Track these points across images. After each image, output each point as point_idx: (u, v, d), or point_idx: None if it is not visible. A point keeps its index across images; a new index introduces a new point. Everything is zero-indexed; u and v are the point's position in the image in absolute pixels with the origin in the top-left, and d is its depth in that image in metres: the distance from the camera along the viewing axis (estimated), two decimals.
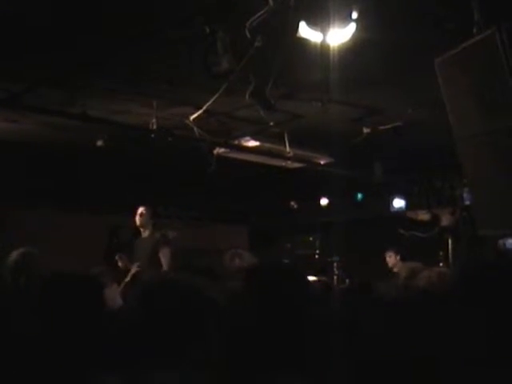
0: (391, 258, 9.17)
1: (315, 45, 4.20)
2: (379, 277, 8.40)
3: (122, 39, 5.10)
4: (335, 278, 9.14)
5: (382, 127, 7.62)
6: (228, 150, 8.05)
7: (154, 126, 7.12)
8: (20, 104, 6.63)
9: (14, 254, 4.49)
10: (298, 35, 4.13)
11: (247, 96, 5.33)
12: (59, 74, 5.86)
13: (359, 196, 10.15)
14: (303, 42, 4.28)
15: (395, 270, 8.48)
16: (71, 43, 5.19)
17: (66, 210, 10.06)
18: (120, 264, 6.97)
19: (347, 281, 9.81)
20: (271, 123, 7.10)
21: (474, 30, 3.81)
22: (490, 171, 4.06)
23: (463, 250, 7.84)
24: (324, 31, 3.97)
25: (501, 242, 5.76)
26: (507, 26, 3.55)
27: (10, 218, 9.32)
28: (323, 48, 4.16)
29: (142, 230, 7.34)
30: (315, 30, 4.00)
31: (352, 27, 4.02)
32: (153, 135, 7.18)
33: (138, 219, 7.24)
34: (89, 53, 5.32)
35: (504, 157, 3.87)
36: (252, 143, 8.04)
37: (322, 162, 9.02)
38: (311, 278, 4.67)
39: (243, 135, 7.96)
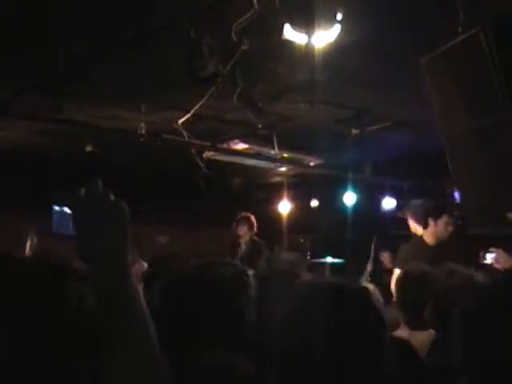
0: (386, 259, 9.18)
1: (300, 47, 4.20)
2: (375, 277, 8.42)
3: (108, 44, 5.09)
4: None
5: (370, 128, 7.64)
6: (217, 154, 8.04)
7: (143, 131, 7.10)
8: (7, 111, 6.60)
9: None
10: (283, 37, 4.13)
11: (235, 99, 5.33)
12: (46, 80, 5.84)
13: (350, 196, 10.14)
14: (289, 44, 4.29)
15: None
16: (57, 48, 5.17)
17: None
18: None
19: None
20: (259, 125, 7.10)
21: (460, 29, 3.82)
22: (477, 169, 4.07)
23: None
24: (309, 33, 3.97)
25: (482, 253, 5.73)
26: (492, 25, 3.57)
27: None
28: (309, 50, 4.17)
29: None
30: (300, 31, 4.00)
31: (337, 28, 4.03)
32: (141, 140, 7.16)
33: None
34: (75, 58, 5.31)
35: (491, 154, 3.88)
36: (241, 146, 8.05)
37: (311, 164, 9.03)
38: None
39: (232, 138, 7.96)
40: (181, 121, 6.66)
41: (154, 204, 9.80)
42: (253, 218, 8.36)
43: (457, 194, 7.95)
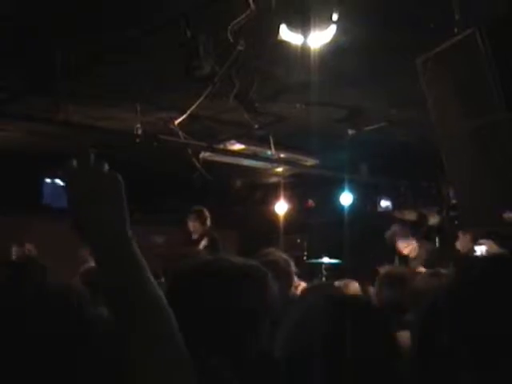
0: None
1: (296, 47, 4.21)
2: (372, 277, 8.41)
3: (104, 45, 5.09)
4: (323, 279, 9.11)
5: (366, 128, 7.65)
6: (213, 154, 8.05)
7: (139, 131, 7.10)
8: (4, 112, 6.61)
9: None
10: (279, 38, 4.14)
11: (231, 99, 5.34)
12: (42, 81, 5.83)
13: (346, 197, 10.15)
14: (285, 45, 4.29)
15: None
16: (54, 49, 5.17)
17: (50, 218, 10.00)
18: None
19: (336, 283, 9.78)
20: (256, 126, 7.10)
21: (455, 30, 3.83)
22: (473, 169, 4.08)
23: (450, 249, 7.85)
24: (305, 34, 3.98)
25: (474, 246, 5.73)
26: (487, 25, 3.58)
27: None
28: (304, 50, 4.17)
29: None
30: (296, 32, 4.01)
31: (333, 29, 4.04)
32: (138, 140, 7.16)
33: None
34: (72, 59, 5.31)
35: (486, 154, 3.89)
36: (237, 146, 8.05)
37: (307, 164, 9.04)
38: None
39: (228, 139, 7.96)
40: (177, 121, 6.67)
41: (150, 204, 9.80)
42: (205, 211, 7.68)
43: (452, 194, 7.96)
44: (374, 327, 1.61)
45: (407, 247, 7.11)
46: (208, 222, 7.61)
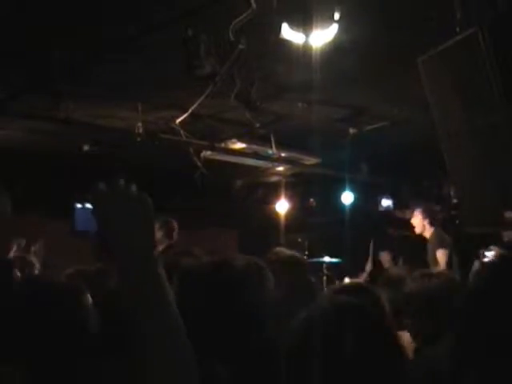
0: (385, 259, 9.19)
1: (298, 46, 4.21)
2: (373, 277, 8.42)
3: (105, 43, 5.09)
4: (324, 278, 9.10)
5: (368, 127, 7.64)
6: (215, 153, 8.04)
7: (140, 130, 7.10)
8: (5, 110, 6.60)
9: None
10: (280, 37, 4.13)
11: (232, 98, 5.33)
12: (43, 79, 5.83)
13: (347, 196, 10.14)
14: (287, 44, 4.29)
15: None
16: (55, 48, 5.16)
17: (54, 217, 10.00)
18: None
19: (337, 282, 9.78)
20: (257, 125, 7.09)
21: (457, 29, 3.82)
22: (475, 169, 4.08)
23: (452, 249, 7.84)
24: (306, 32, 3.97)
25: (481, 251, 5.75)
26: (489, 24, 3.57)
27: None
28: (306, 49, 4.17)
29: None
30: (298, 31, 4.01)
31: (334, 28, 4.03)
32: (139, 139, 7.15)
33: None
34: (73, 57, 5.30)
35: (488, 154, 3.88)
36: (239, 145, 8.04)
37: (308, 163, 9.03)
38: None
39: (230, 137, 7.95)
40: (178, 120, 6.67)
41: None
42: (173, 223, 6.81)
43: (454, 194, 7.96)
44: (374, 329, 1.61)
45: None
46: (175, 236, 6.78)
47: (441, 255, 7.13)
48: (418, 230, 7.51)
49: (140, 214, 1.36)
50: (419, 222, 7.46)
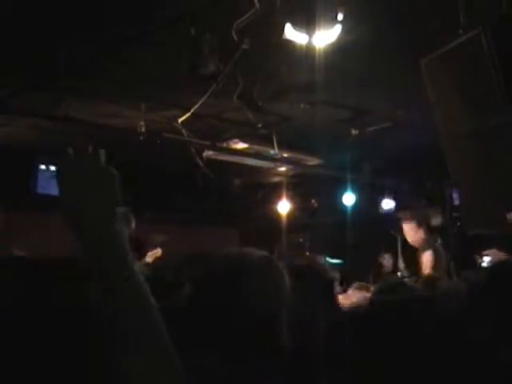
0: (387, 261, 9.17)
1: (301, 46, 4.20)
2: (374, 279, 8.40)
3: (108, 41, 5.09)
4: None
5: (370, 128, 7.64)
6: (217, 153, 8.04)
7: (143, 129, 7.10)
8: (7, 108, 6.61)
9: None
10: (284, 37, 4.13)
11: (235, 98, 5.33)
12: (45, 77, 5.83)
13: (349, 197, 10.13)
14: (290, 44, 4.29)
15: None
16: (57, 46, 5.17)
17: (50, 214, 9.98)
18: None
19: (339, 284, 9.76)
20: (259, 125, 7.09)
21: (460, 31, 3.82)
22: (476, 170, 4.07)
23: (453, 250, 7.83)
24: (310, 33, 3.97)
25: (479, 256, 5.73)
26: (492, 26, 3.57)
27: None
28: (309, 49, 4.17)
29: None
30: (301, 31, 4.00)
31: (338, 28, 4.03)
32: (141, 138, 7.15)
33: None
34: (75, 55, 5.30)
35: (490, 156, 3.88)
36: (241, 145, 8.04)
37: (310, 164, 9.03)
38: None
39: (232, 137, 7.95)
40: (181, 119, 6.66)
41: (152, 202, 9.78)
42: (146, 246, 6.56)
43: (456, 195, 7.95)
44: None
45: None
46: (147, 258, 6.44)
47: (426, 258, 7.07)
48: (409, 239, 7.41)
49: (103, 182, 1.33)
50: (412, 227, 7.35)
